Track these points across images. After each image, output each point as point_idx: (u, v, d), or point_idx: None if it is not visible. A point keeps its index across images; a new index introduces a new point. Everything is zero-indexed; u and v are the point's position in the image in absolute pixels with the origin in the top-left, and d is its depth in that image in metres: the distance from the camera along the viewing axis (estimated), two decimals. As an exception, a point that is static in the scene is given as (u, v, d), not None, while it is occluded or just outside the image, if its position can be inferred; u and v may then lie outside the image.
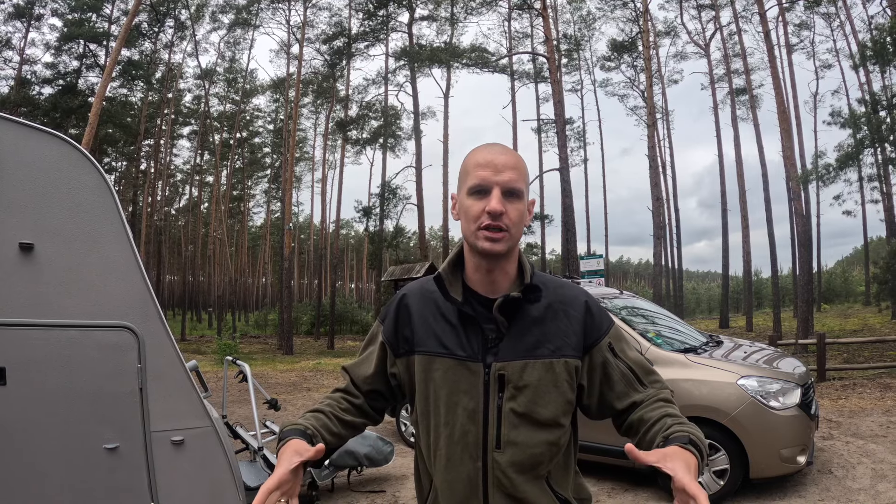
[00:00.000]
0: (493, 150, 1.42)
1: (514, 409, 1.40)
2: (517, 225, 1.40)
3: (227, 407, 6.36)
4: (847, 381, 11.24)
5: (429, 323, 1.47)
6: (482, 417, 1.41)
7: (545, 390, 1.40)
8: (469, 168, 1.42)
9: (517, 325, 1.43)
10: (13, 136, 2.71)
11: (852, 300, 43.12)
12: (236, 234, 60.75)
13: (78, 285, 2.79)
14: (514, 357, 1.40)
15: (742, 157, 31.95)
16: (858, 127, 19.32)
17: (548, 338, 1.42)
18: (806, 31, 34.78)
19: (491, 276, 1.45)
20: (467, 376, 1.42)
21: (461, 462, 1.42)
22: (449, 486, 1.44)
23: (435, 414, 1.46)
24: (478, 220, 1.38)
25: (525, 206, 1.43)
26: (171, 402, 2.98)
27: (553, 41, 25.23)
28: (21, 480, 2.65)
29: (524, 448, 1.40)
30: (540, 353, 1.41)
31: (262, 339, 35.62)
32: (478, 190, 1.38)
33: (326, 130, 40.46)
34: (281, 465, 1.25)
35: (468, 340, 1.43)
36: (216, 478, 3.12)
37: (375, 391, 1.58)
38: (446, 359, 1.43)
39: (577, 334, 1.45)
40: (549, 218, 33.94)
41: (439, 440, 1.45)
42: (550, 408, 1.41)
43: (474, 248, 1.41)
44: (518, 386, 1.40)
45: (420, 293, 1.53)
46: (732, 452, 4.97)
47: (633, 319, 6.10)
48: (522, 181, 1.42)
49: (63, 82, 31.53)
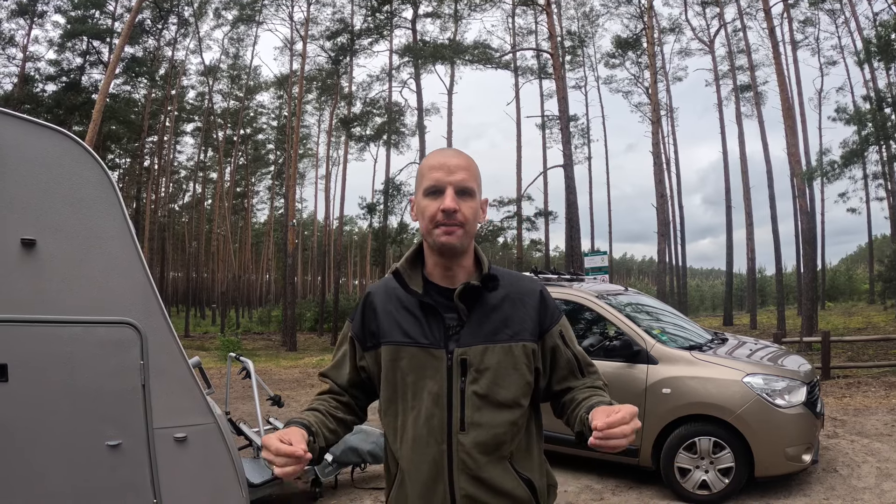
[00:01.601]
0: (445, 154, 1.53)
1: (476, 391, 1.48)
2: (471, 221, 1.50)
3: (230, 403, 6.35)
4: (852, 379, 11.21)
5: (392, 316, 1.56)
6: (446, 401, 1.49)
7: (505, 373, 1.50)
8: (424, 171, 1.53)
9: (477, 312, 1.52)
10: (15, 131, 2.70)
11: (856, 298, 42.99)
12: (240, 230, 60.79)
13: (80, 281, 2.78)
14: (475, 342, 1.50)
15: (746, 154, 31.92)
16: (864, 124, 19.23)
17: (506, 324, 1.53)
18: (810, 28, 34.59)
19: (450, 271, 1.56)
20: (432, 362, 1.50)
21: (427, 444, 1.49)
22: (415, 469, 1.51)
23: (402, 399, 1.53)
24: (434, 218, 1.48)
25: (478, 204, 1.54)
26: (173, 399, 2.97)
27: (557, 38, 25.18)
28: (23, 477, 2.64)
29: (487, 429, 1.48)
30: (499, 337, 1.51)
31: (265, 336, 35.68)
32: (433, 190, 1.49)
33: (330, 127, 40.49)
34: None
35: (430, 329, 1.51)
36: (219, 475, 3.11)
37: (357, 389, 1.67)
38: (411, 347, 1.51)
39: (532, 320, 1.56)
40: (553, 215, 33.91)
41: (406, 424, 1.53)
42: (511, 389, 1.50)
43: (433, 245, 1.52)
44: (479, 369, 1.49)
45: (384, 290, 1.62)
46: (737, 450, 4.95)
47: (638, 316, 6.08)
48: (474, 181, 1.52)
49: (67, 79, 31.54)
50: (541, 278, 6.80)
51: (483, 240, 30.19)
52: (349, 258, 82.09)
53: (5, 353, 2.60)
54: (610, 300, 6.14)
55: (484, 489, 1.48)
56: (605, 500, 5.29)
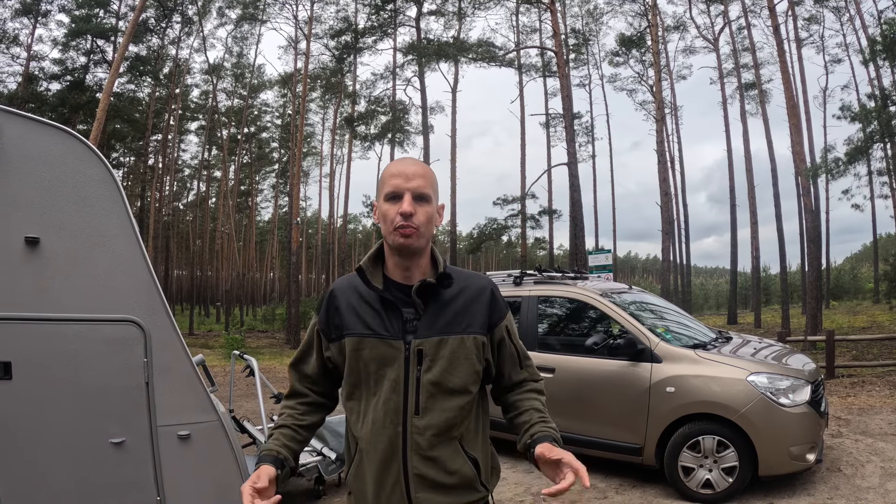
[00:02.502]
0: (405, 163, 1.68)
1: (430, 379, 1.63)
2: (426, 224, 1.65)
3: (233, 401, 6.36)
4: (856, 378, 11.17)
5: (355, 309, 1.70)
6: (403, 387, 1.64)
7: (457, 362, 1.66)
8: (385, 178, 1.67)
9: (432, 307, 1.67)
10: (19, 130, 2.71)
11: (861, 297, 42.83)
12: (244, 228, 60.83)
13: (84, 280, 2.79)
14: (431, 334, 1.65)
15: (751, 152, 31.76)
16: (869, 121, 19.16)
17: (459, 318, 1.68)
18: (815, 26, 34.44)
19: (407, 271, 1.70)
20: (391, 353, 1.64)
21: (384, 426, 1.64)
22: (373, 448, 1.65)
23: (365, 385, 1.69)
24: (393, 221, 1.62)
25: (434, 209, 1.68)
26: (177, 397, 2.98)
27: (561, 35, 25.16)
28: (28, 474, 2.65)
29: (439, 413, 1.64)
30: (452, 330, 1.66)
31: (269, 334, 35.68)
32: (392, 196, 1.63)
33: (334, 125, 40.46)
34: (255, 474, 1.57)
35: (390, 322, 1.66)
36: (222, 472, 3.12)
37: (323, 377, 1.82)
38: (372, 339, 1.66)
39: (482, 315, 1.71)
40: (557, 213, 33.85)
41: (368, 408, 1.67)
42: (461, 377, 1.66)
43: (392, 246, 1.67)
44: (434, 359, 1.64)
45: (347, 286, 1.76)
46: (741, 449, 4.94)
47: (642, 315, 6.07)
48: (430, 188, 1.66)
49: (71, 78, 31.55)
50: (545, 277, 6.80)
51: (487, 238, 30.18)
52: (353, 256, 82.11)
53: (10, 351, 2.60)
54: (614, 298, 6.13)
55: (435, 468, 1.64)
56: (608, 499, 5.29)
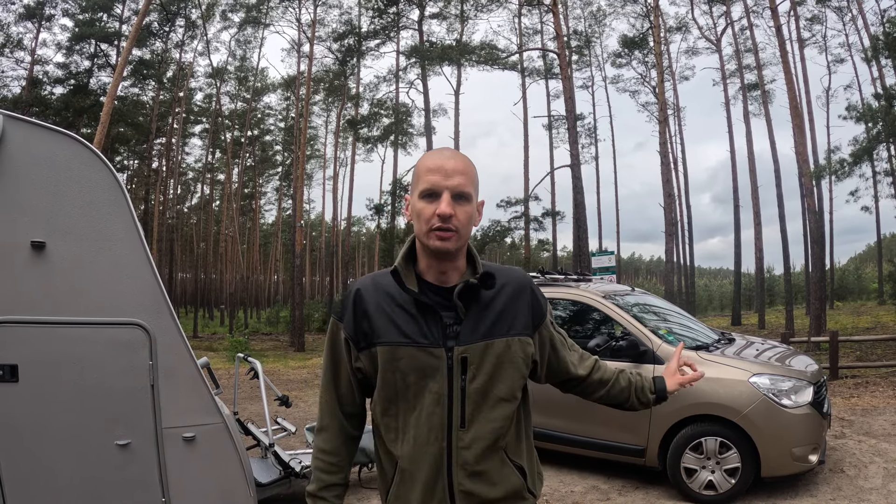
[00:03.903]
0: (442, 156, 1.52)
1: (476, 388, 1.51)
2: (466, 226, 1.50)
3: (238, 404, 6.39)
4: (860, 379, 11.14)
5: (387, 314, 1.54)
6: (447, 399, 1.50)
7: (503, 368, 1.53)
8: (421, 173, 1.51)
9: (473, 310, 1.54)
10: (25, 135, 2.73)
11: (865, 298, 42.70)
12: (248, 231, 60.93)
13: (90, 283, 2.81)
14: (474, 340, 1.51)
15: (754, 153, 31.68)
16: (875, 121, 19.10)
17: (503, 319, 1.55)
18: (818, 26, 34.40)
19: (443, 272, 1.56)
20: (432, 362, 1.50)
21: (427, 443, 1.51)
22: (417, 467, 1.52)
23: (403, 399, 1.54)
24: (429, 221, 1.47)
25: (474, 207, 1.53)
26: (182, 399, 3.00)
27: (563, 37, 25.16)
28: (34, 476, 2.67)
29: (486, 424, 1.51)
30: (497, 333, 1.53)
31: (273, 337, 35.72)
32: (428, 193, 1.48)
33: (337, 128, 40.51)
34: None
35: (428, 328, 1.51)
36: (227, 474, 3.14)
37: (358, 394, 1.67)
38: (409, 347, 1.50)
39: (525, 315, 1.59)
40: (560, 214, 33.85)
41: (407, 424, 1.54)
42: (508, 383, 1.54)
43: (427, 247, 1.51)
44: (479, 366, 1.51)
45: (373, 286, 1.59)
46: (744, 451, 4.94)
47: (645, 316, 6.07)
48: (471, 185, 1.51)
49: (74, 82, 31.68)
50: (548, 279, 6.81)
51: (490, 240, 30.16)
52: (357, 259, 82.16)
53: (16, 354, 2.63)
54: (617, 300, 6.14)
55: (481, 482, 1.52)
56: (611, 501, 5.29)
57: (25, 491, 2.64)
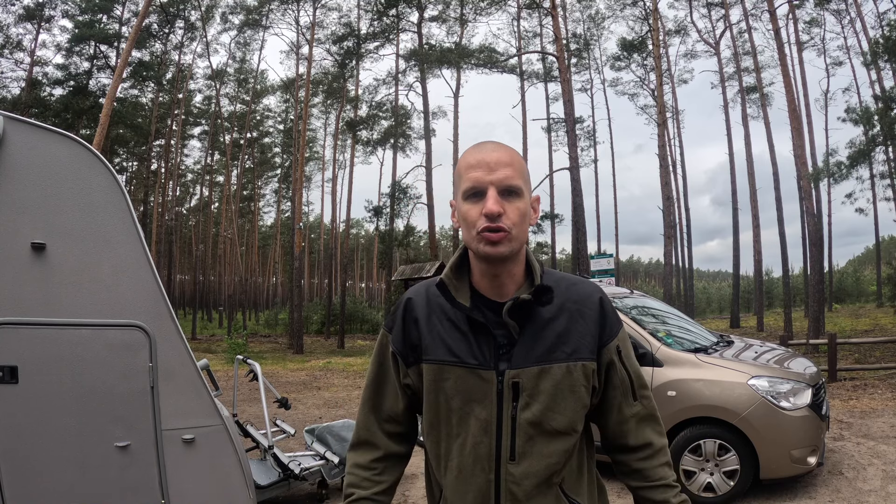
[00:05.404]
0: (484, 149, 1.34)
1: (529, 419, 1.32)
2: (519, 225, 1.30)
3: (237, 405, 6.38)
4: (858, 381, 11.15)
5: (437, 329, 1.39)
6: (496, 428, 1.33)
7: (562, 397, 1.33)
8: (462, 171, 1.34)
9: (529, 328, 1.34)
10: (24, 137, 2.74)
11: (864, 300, 42.78)
12: (247, 233, 60.97)
13: (89, 285, 2.82)
14: (529, 363, 1.32)
15: (753, 155, 31.71)
16: (872, 124, 19.14)
17: (563, 340, 1.34)
18: (816, 29, 34.56)
19: (497, 281, 1.37)
20: (480, 385, 1.34)
21: (472, 474, 1.35)
22: (460, 499, 1.38)
23: (446, 424, 1.38)
24: (476, 224, 1.29)
25: (527, 203, 1.33)
26: (181, 401, 3.00)
27: (562, 40, 25.19)
28: (34, 477, 2.67)
29: (539, 458, 1.33)
30: (555, 357, 1.33)
31: (272, 339, 35.71)
32: (473, 193, 1.30)
33: (337, 130, 40.52)
34: None
35: (479, 348, 1.34)
36: (226, 476, 3.14)
37: (406, 411, 1.52)
38: (457, 367, 1.35)
39: (591, 335, 1.37)
40: (559, 217, 33.91)
41: (451, 452, 1.38)
42: (567, 414, 1.34)
43: (477, 253, 1.33)
44: (533, 394, 1.32)
45: (426, 297, 1.44)
46: (743, 453, 4.95)
47: (644, 319, 6.08)
48: (520, 177, 1.32)
49: (74, 83, 31.71)
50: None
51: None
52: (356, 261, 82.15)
53: (16, 356, 2.63)
54: (615, 303, 6.15)
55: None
56: (610, 502, 5.29)
57: (25, 492, 2.64)
